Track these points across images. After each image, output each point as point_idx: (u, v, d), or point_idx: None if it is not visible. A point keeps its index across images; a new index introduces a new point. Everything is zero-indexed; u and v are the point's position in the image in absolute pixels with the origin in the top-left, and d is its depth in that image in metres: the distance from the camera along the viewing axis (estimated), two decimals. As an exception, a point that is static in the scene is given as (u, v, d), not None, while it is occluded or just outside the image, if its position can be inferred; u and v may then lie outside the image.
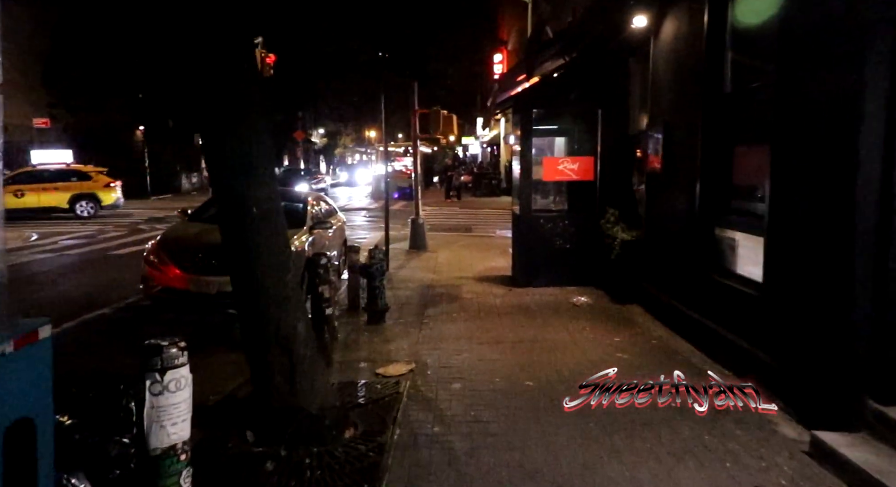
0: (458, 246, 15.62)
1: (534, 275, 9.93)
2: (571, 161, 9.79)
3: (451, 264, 12.81)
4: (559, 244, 9.87)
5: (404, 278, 11.15)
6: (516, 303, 8.88)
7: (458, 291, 9.88)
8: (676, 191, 7.28)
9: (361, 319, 8.05)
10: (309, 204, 10.40)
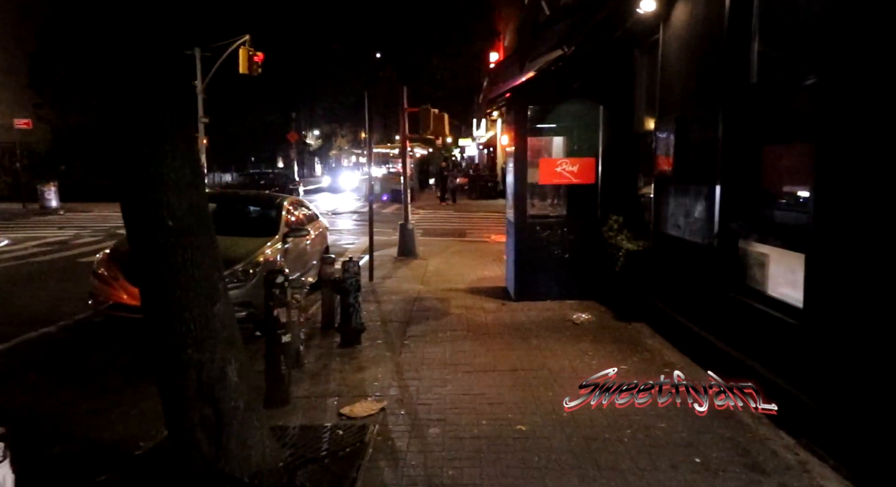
0: (451, 253, 14.71)
1: (530, 288, 9.02)
2: (571, 162, 8.88)
3: (442, 273, 11.90)
4: (557, 253, 8.96)
5: (389, 290, 10.24)
6: (510, 321, 7.97)
7: (446, 305, 8.96)
8: (691, 196, 6.38)
9: (335, 341, 7.13)
10: (284, 209, 9.48)
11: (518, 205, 9.01)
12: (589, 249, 8.87)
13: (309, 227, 10.37)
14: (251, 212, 9.70)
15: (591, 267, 8.86)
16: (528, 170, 9.07)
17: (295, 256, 9.30)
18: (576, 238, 8.95)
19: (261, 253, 8.16)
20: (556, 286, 8.97)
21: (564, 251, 8.96)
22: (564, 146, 10.09)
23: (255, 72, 25.12)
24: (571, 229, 8.96)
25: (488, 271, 12.03)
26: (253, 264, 7.89)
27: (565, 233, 8.96)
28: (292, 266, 9.14)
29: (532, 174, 9.14)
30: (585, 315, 7.95)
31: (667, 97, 7.09)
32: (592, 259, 8.85)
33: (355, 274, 6.95)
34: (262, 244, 8.40)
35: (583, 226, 8.98)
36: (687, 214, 6.50)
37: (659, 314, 7.17)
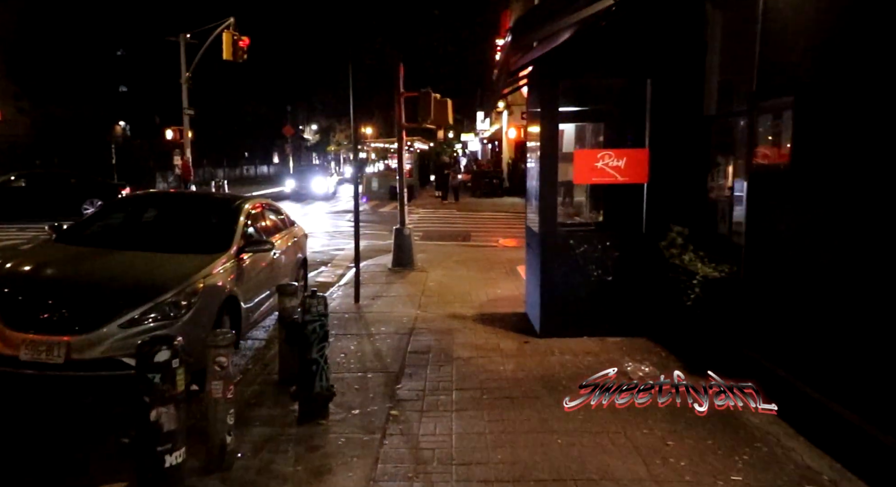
0: (454, 263, 12.53)
1: (560, 320, 6.87)
2: (616, 155, 6.70)
3: (444, 291, 9.73)
4: (597, 275, 6.80)
5: (377, 317, 8.07)
6: (539, 373, 5.80)
7: (449, 343, 6.81)
8: (830, 201, 4.21)
9: (292, 410, 4.96)
10: (242, 215, 7.30)
11: (545, 211, 6.84)
12: (639, 270, 6.74)
13: (278, 237, 8.22)
14: (198, 220, 7.53)
15: (643, 294, 6.73)
16: (558, 167, 6.90)
17: (256, 276, 7.15)
18: (622, 255, 6.79)
19: (202, 275, 6.01)
20: (594, 318, 6.83)
21: (606, 272, 6.80)
22: (602, 135, 7.93)
23: (240, 58, 22.94)
24: (616, 243, 6.80)
25: (501, 288, 9.87)
26: (188, 293, 5.74)
27: (608, 248, 6.79)
28: (253, 289, 7.01)
29: (563, 171, 6.98)
30: (644, 366, 5.78)
31: (776, 59, 4.90)
32: (644, 283, 6.71)
33: (319, 316, 4.77)
34: (207, 263, 6.25)
35: (631, 239, 6.83)
36: (821, 228, 4.33)
37: (761, 373, 4.99)
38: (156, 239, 7.07)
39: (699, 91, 6.46)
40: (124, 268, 6.12)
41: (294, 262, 8.79)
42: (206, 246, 6.66)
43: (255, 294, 7.08)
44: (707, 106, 6.41)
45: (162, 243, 6.85)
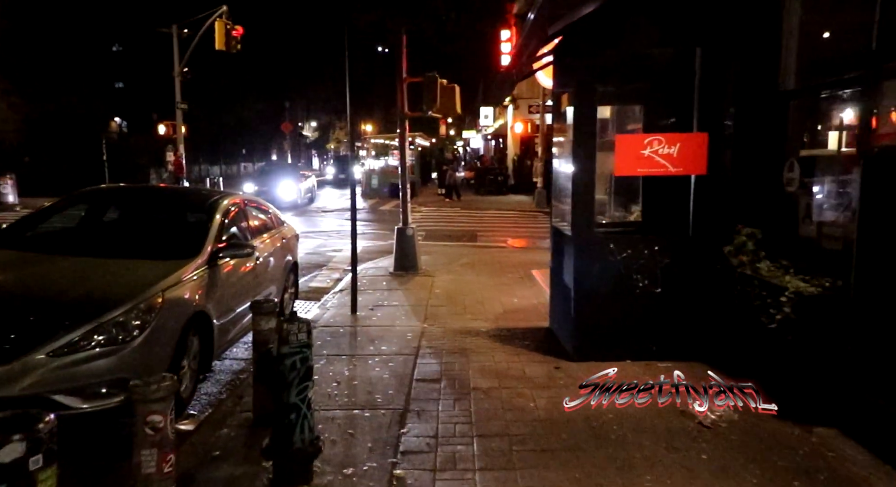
0: (462, 266, 11.35)
1: (598, 339, 5.70)
2: (668, 141, 5.51)
3: (452, 299, 8.56)
4: (643, 287, 5.62)
5: (377, 332, 6.89)
6: (580, 414, 4.61)
7: (463, 369, 5.63)
8: None
9: (263, 473, 3.78)
10: (218, 214, 6.12)
11: (579, 210, 5.65)
12: (697, 280, 5.56)
13: (264, 239, 7.06)
14: (165, 220, 6.33)
15: (699, 310, 5.55)
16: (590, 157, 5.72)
17: (235, 286, 5.99)
18: (674, 262, 5.60)
19: (162, 287, 4.84)
20: (639, 338, 5.65)
21: (653, 282, 5.61)
22: (644, 118, 6.76)
23: (233, 48, 21.75)
24: (667, 248, 5.61)
25: (517, 296, 8.70)
26: (143, 310, 4.59)
27: (657, 254, 5.61)
28: (230, 301, 5.85)
29: (600, 162, 5.80)
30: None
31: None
32: (701, 296, 5.54)
33: (301, 347, 3.58)
34: (172, 271, 5.08)
35: (687, 243, 5.65)
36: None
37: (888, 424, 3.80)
38: (112, 242, 5.91)
39: (771, 59, 5.27)
40: (66, 280, 4.94)
41: (282, 267, 7.61)
42: (173, 250, 5.50)
43: (232, 307, 5.92)
44: (783, 78, 5.21)
45: (119, 247, 5.68)
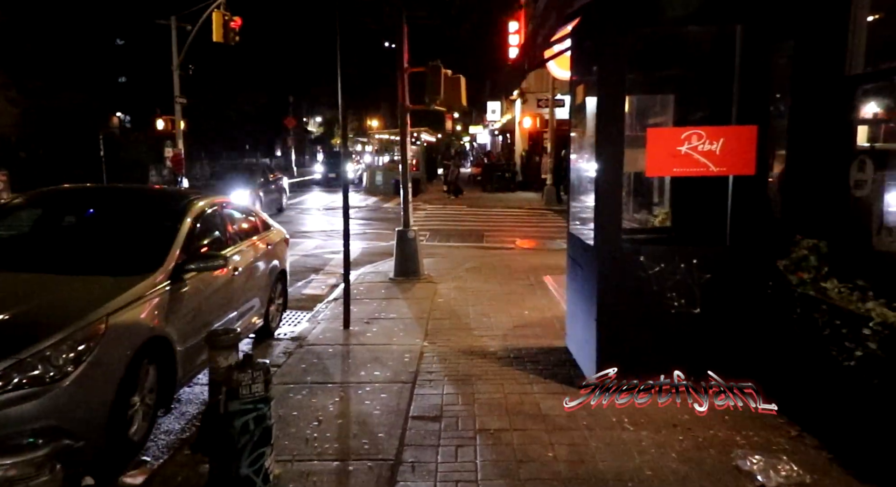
0: (468, 271, 10.53)
1: (625, 369, 4.86)
2: (709, 136, 4.67)
3: (456, 310, 7.75)
4: (678, 307, 4.79)
5: (370, 352, 6.08)
6: (611, 467, 3.79)
7: (468, 402, 4.81)
8: None
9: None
10: (188, 219, 5.32)
11: (605, 217, 4.82)
12: (743, 300, 4.73)
13: (246, 245, 6.26)
14: (124, 227, 5.51)
15: (750, 336, 4.72)
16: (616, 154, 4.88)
17: (206, 303, 5.20)
18: (716, 278, 4.76)
19: (108, 310, 4.05)
20: (675, 367, 4.81)
21: (692, 302, 4.78)
22: (675, 111, 5.92)
23: (231, 40, 20.95)
24: (708, 262, 4.77)
25: (528, 308, 7.88)
26: (78, 339, 3.81)
27: (695, 268, 4.77)
28: (198, 322, 5.04)
29: (629, 159, 4.97)
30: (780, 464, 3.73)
31: None
32: (751, 319, 4.71)
33: (254, 403, 2.76)
34: (123, 289, 4.29)
35: (731, 255, 4.81)
36: None
37: None
38: (57, 254, 5.09)
39: (835, 38, 4.41)
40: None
41: (267, 276, 6.81)
42: (130, 263, 4.70)
43: (203, 326, 5.12)
44: (851, 60, 4.36)
45: (65, 261, 4.88)
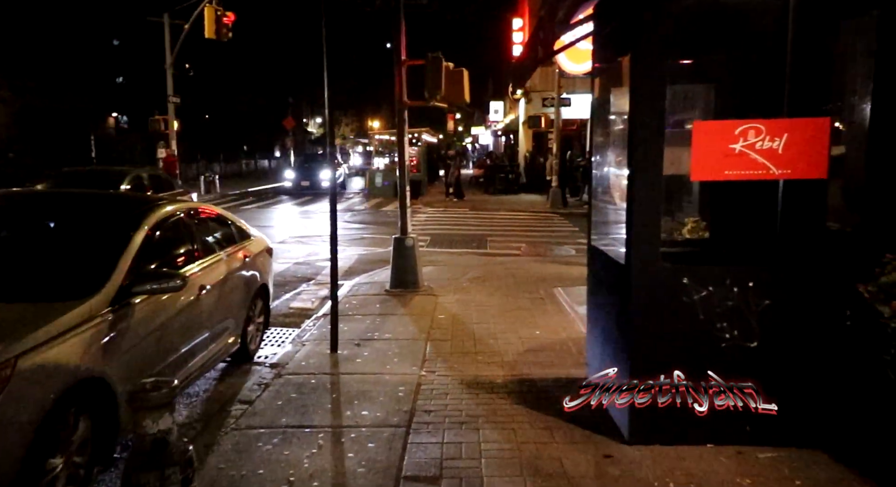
0: (470, 281, 9.68)
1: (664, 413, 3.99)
2: (770, 129, 3.81)
3: (459, 330, 6.89)
4: (731, 339, 3.92)
5: (358, 384, 5.20)
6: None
7: (472, 457, 3.94)
8: None
9: None
10: (143, 228, 4.47)
11: (642, 232, 3.95)
12: (812, 333, 3.87)
13: (212, 261, 5.39)
14: (65, 241, 4.61)
15: (820, 375, 3.86)
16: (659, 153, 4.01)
17: (162, 330, 4.33)
18: (777, 305, 3.90)
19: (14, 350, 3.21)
20: (727, 413, 3.94)
21: (748, 334, 3.91)
22: (716, 103, 5.05)
23: (224, 37, 20.11)
24: (766, 285, 3.90)
25: (539, 327, 7.02)
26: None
27: (751, 292, 3.90)
28: (150, 354, 4.19)
29: (668, 160, 4.10)
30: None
31: None
32: (822, 354, 3.84)
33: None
34: (42, 322, 3.43)
35: (797, 277, 3.94)
36: None
37: None
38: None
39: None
40: None
41: (244, 294, 5.96)
42: (61, 286, 3.85)
43: (158, 360, 4.27)
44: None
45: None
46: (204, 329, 4.95)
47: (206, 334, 4.99)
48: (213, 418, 4.55)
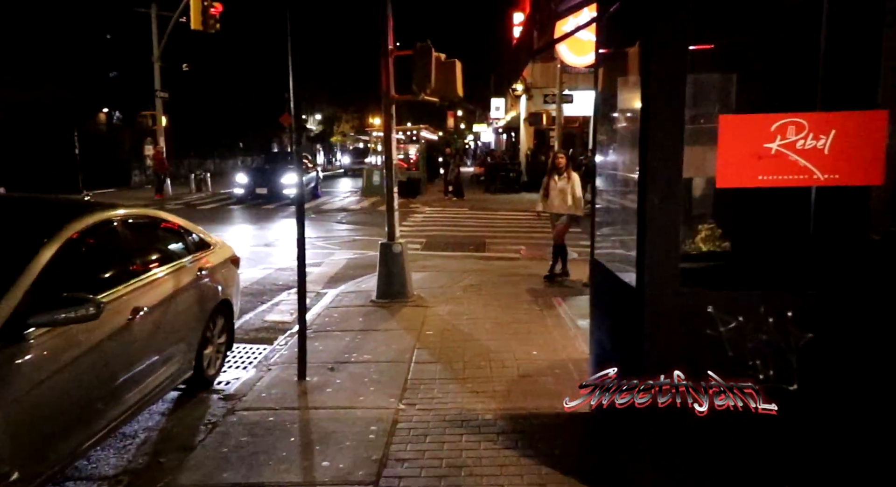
0: (465, 289, 8.96)
1: (686, 470, 3.27)
2: (814, 124, 3.08)
3: (449, 350, 6.17)
4: (766, 379, 3.19)
5: (324, 423, 4.49)
6: None
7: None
8: None
9: None
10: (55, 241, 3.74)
11: (656, 245, 3.22)
12: (868, 375, 3.13)
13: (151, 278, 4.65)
14: None
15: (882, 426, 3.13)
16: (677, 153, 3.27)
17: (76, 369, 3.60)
18: (822, 338, 3.16)
19: None
20: (763, 472, 3.22)
21: (787, 374, 3.19)
22: (738, 95, 4.31)
23: (211, 28, 19.37)
24: (810, 314, 3.17)
25: (538, 344, 6.31)
26: None
27: (790, 324, 3.17)
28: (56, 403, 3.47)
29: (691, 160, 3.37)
30: None
31: None
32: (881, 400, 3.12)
33: None
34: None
35: (846, 305, 3.20)
36: None
37: None
38: None
39: None
40: None
41: (198, 313, 5.23)
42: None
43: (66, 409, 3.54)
44: None
45: None
46: (139, 360, 4.22)
47: (143, 365, 4.26)
48: (141, 473, 3.81)
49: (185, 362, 4.98)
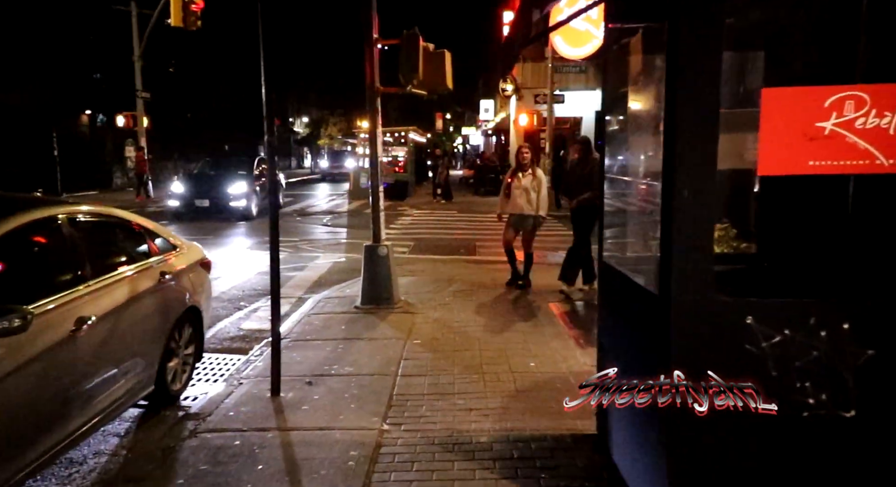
0: (454, 295, 8.45)
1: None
2: (879, 99, 2.58)
3: (437, 361, 5.64)
4: (817, 404, 2.69)
5: (297, 448, 3.94)
6: None
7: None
8: None
9: None
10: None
11: (685, 248, 2.71)
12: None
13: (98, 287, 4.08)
14: None
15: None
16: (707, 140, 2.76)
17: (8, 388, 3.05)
18: (884, 356, 2.66)
19: None
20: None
21: (842, 398, 2.68)
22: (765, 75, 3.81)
23: (192, 25, 18.75)
24: (870, 327, 2.67)
25: (534, 355, 5.80)
26: None
27: (847, 338, 2.66)
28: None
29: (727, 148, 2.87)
30: None
31: None
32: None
33: None
34: None
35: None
36: None
37: None
38: None
39: None
40: None
41: (160, 323, 4.68)
42: None
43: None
44: None
45: None
46: (86, 377, 3.67)
47: (92, 383, 3.71)
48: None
49: (145, 376, 4.43)
